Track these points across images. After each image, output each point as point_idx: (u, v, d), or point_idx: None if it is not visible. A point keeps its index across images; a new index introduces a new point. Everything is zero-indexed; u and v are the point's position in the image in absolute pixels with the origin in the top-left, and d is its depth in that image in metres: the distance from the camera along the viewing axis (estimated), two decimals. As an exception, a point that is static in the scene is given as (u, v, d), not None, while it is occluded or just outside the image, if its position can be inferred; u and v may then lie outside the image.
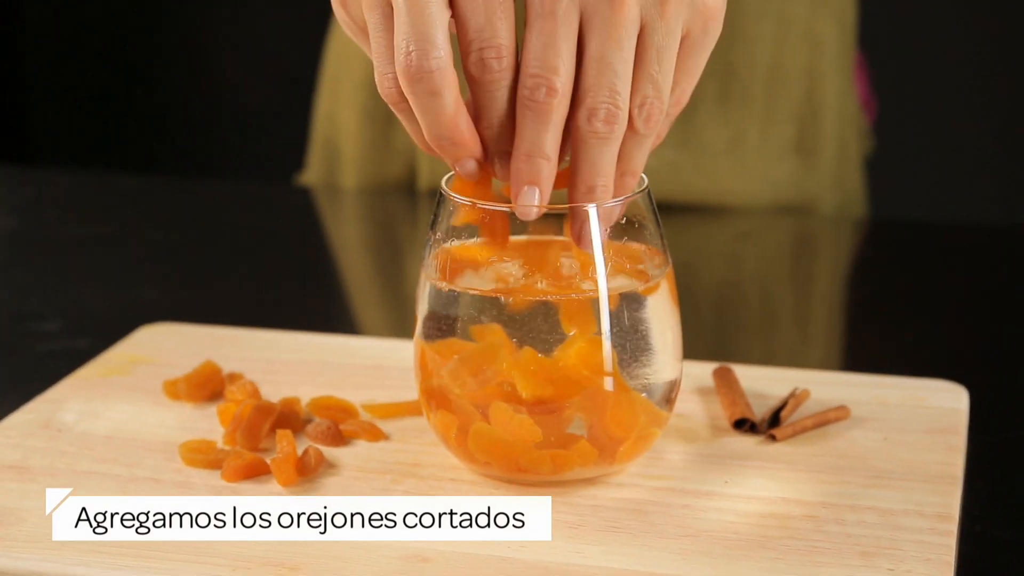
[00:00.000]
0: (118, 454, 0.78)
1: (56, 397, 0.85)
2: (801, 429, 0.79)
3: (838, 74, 1.25)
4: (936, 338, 0.99)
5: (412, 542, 0.69)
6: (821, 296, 1.09)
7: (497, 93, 0.68)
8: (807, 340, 0.99)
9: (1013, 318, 1.03)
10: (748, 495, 0.73)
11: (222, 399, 0.83)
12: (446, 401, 0.73)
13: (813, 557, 0.67)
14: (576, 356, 0.72)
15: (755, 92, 1.22)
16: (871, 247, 1.20)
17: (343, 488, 0.74)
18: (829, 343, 0.97)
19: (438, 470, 0.76)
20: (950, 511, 0.71)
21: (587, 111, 0.68)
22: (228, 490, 0.74)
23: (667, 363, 0.74)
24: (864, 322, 1.02)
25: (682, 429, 0.80)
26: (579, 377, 0.72)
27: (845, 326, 1.02)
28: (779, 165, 1.23)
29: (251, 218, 1.31)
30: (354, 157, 1.33)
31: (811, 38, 1.23)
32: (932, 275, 1.12)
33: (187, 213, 1.33)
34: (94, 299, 1.07)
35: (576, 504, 0.72)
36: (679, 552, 0.68)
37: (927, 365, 0.88)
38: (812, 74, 1.23)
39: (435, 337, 0.74)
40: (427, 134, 0.68)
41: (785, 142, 1.23)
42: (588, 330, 0.71)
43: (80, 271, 1.14)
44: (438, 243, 0.74)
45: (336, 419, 0.80)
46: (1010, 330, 1.00)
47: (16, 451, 0.78)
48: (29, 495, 0.73)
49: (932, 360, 0.92)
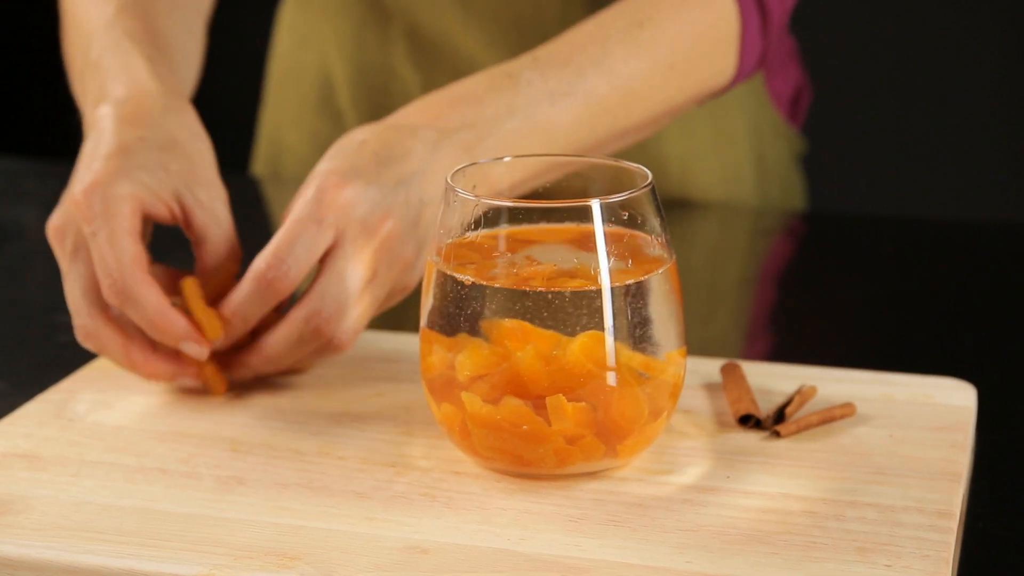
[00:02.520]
0: (127, 444, 0.79)
1: (70, 388, 0.86)
2: (806, 426, 0.79)
3: (744, 91, 1.23)
4: (945, 336, 0.99)
5: (411, 534, 0.69)
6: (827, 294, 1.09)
7: None
8: (813, 337, 0.99)
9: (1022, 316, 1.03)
10: (749, 490, 0.73)
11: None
12: (451, 394, 0.74)
13: (810, 552, 0.67)
14: (580, 350, 0.72)
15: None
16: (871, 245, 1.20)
17: (346, 479, 0.75)
18: (836, 340, 0.97)
19: (441, 463, 0.77)
20: (951, 508, 0.71)
21: None
22: (234, 480, 0.75)
23: (671, 356, 0.75)
24: (872, 319, 1.02)
25: (687, 424, 0.80)
26: (583, 371, 0.72)
27: (852, 323, 1.02)
28: (702, 163, 1.22)
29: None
30: (294, 148, 1.32)
31: None
32: (939, 273, 1.11)
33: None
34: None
35: (577, 498, 0.73)
36: (676, 546, 0.68)
37: (936, 362, 0.88)
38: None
39: (442, 330, 0.74)
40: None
41: (705, 141, 1.22)
42: (593, 323, 0.72)
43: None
44: (445, 236, 0.74)
45: None
46: (1019, 328, 1.00)
47: (28, 440, 0.79)
48: (38, 484, 0.75)
49: (941, 357, 0.92)
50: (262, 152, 1.35)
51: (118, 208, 0.80)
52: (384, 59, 1.22)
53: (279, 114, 1.30)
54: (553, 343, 0.72)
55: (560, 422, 0.72)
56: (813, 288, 1.10)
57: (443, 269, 0.74)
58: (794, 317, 1.03)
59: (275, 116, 1.33)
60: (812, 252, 1.21)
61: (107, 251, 0.79)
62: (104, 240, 0.79)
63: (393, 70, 1.22)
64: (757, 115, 1.24)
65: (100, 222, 0.79)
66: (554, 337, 0.72)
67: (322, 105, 1.27)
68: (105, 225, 0.79)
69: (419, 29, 1.19)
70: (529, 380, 0.73)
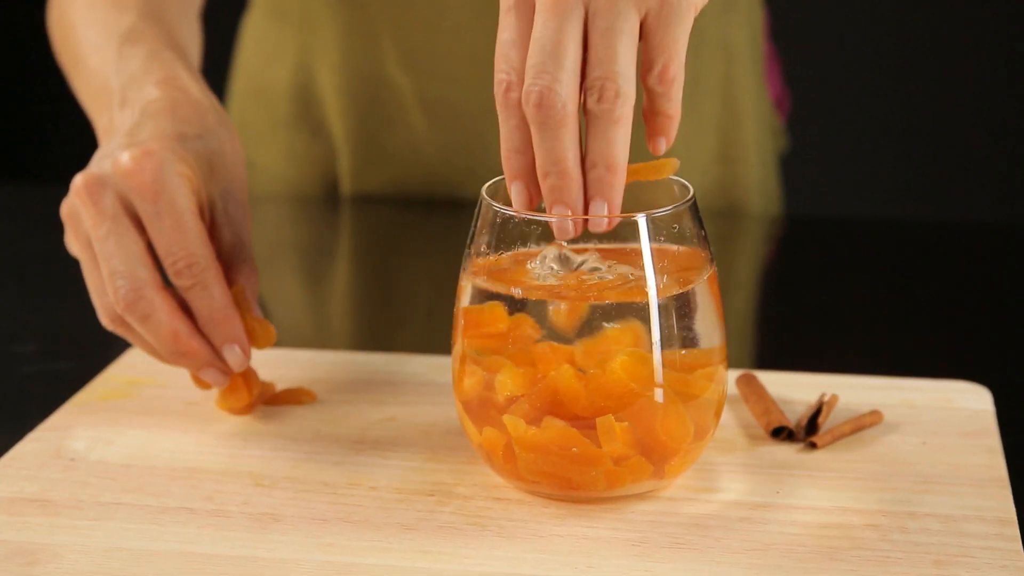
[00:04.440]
0: (141, 483, 0.74)
1: (59, 424, 0.81)
2: (840, 435, 0.78)
3: (752, 79, 1.24)
4: (945, 338, 0.99)
5: (474, 567, 0.66)
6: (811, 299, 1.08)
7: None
8: (814, 344, 0.98)
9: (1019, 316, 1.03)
10: (803, 505, 0.72)
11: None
12: (491, 417, 0.71)
13: (887, 568, 0.66)
14: (621, 369, 0.70)
15: None
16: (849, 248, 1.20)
17: (387, 511, 0.71)
18: (841, 346, 0.97)
19: (480, 489, 0.74)
20: (1009, 515, 0.71)
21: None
22: (268, 517, 0.71)
23: (715, 372, 0.73)
24: (865, 324, 1.02)
25: (719, 439, 0.78)
26: (627, 389, 0.70)
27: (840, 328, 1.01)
28: (703, 177, 1.22)
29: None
30: (265, 166, 1.27)
31: (725, 47, 1.21)
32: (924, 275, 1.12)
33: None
34: (67, 318, 1.03)
35: (632, 520, 0.71)
36: (749, 567, 0.66)
37: (941, 366, 0.88)
38: (729, 83, 1.22)
39: (482, 351, 0.71)
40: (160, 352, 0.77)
41: (708, 153, 1.22)
42: (640, 338, 0.70)
43: (45, 289, 1.10)
44: (481, 253, 0.72)
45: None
46: (1015, 328, 1.00)
47: (33, 483, 0.74)
48: (58, 530, 0.70)
49: (947, 361, 0.92)
50: None
51: (180, 186, 0.75)
52: (374, 67, 1.18)
53: (245, 133, 1.25)
54: (589, 359, 0.70)
55: (610, 443, 0.70)
56: (796, 293, 1.09)
57: (484, 286, 0.71)
58: (784, 323, 1.02)
59: (240, 135, 1.27)
60: (790, 255, 1.21)
61: (174, 230, 0.75)
62: (171, 220, 0.75)
63: (384, 78, 1.18)
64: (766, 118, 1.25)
65: (165, 202, 0.75)
66: (590, 352, 0.70)
67: (298, 120, 1.22)
68: (171, 206, 0.75)
69: (408, 34, 1.16)
70: (568, 399, 0.70)
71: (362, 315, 1.07)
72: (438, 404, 0.82)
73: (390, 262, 1.16)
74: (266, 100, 1.24)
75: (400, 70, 1.16)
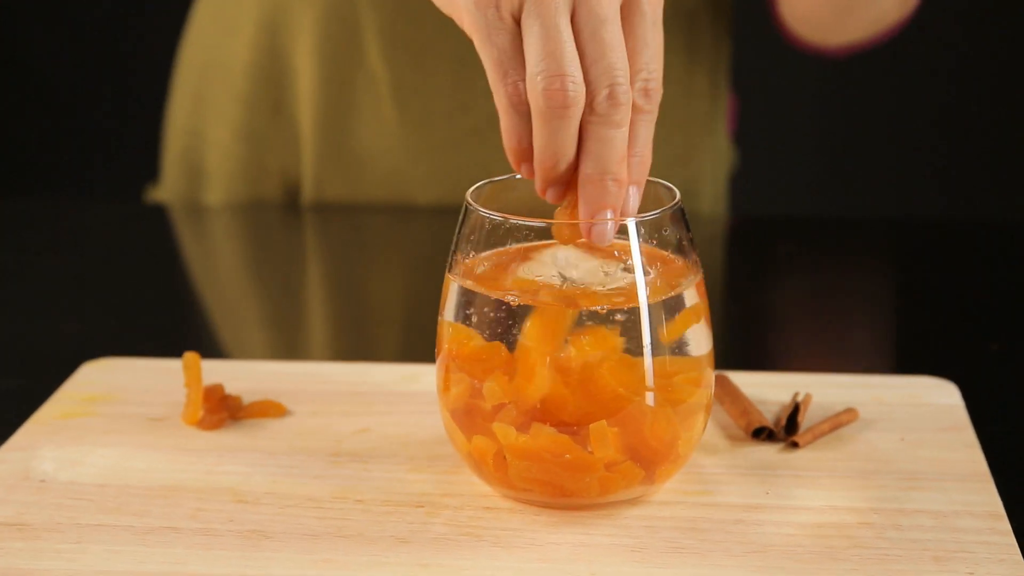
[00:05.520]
0: (119, 503, 0.72)
1: (21, 444, 0.78)
2: (819, 434, 0.78)
3: (713, 120, 1.24)
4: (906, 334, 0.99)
5: (478, 578, 0.66)
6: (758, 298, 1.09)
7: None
8: (777, 343, 0.98)
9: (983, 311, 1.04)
10: (794, 505, 0.72)
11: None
12: (480, 426, 0.70)
13: (888, 566, 0.66)
14: (610, 373, 0.69)
15: None
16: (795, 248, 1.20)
17: (378, 524, 0.70)
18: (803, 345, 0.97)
19: (469, 499, 0.73)
20: (998, 509, 0.71)
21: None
22: (257, 535, 0.69)
23: (702, 376, 0.72)
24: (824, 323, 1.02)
25: (701, 442, 0.78)
26: (616, 395, 0.69)
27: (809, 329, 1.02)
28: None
29: (110, 239, 1.22)
30: (223, 174, 1.26)
31: (687, 90, 1.21)
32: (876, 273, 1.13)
33: (61, 235, 1.24)
34: (13, 335, 1.00)
35: (627, 526, 0.70)
36: (753, 569, 0.66)
37: (903, 362, 0.89)
38: (688, 125, 1.22)
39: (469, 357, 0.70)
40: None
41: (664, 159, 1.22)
42: (628, 343, 0.69)
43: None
44: (469, 257, 0.71)
45: None
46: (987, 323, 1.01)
47: (6, 507, 0.72)
48: (41, 555, 0.67)
49: (909, 357, 0.93)
50: (174, 145, 1.27)
51: None
52: (353, 54, 1.16)
53: (200, 107, 1.23)
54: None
55: (603, 449, 0.69)
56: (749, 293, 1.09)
57: (475, 289, 0.70)
58: (744, 324, 1.02)
59: (194, 109, 1.25)
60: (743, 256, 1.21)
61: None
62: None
63: (363, 65, 1.16)
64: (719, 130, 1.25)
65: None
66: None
67: (256, 98, 1.20)
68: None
69: (392, 25, 1.14)
70: (554, 406, 0.70)
71: (328, 324, 1.05)
72: (411, 413, 0.81)
73: (354, 268, 1.15)
74: (217, 106, 1.21)
75: (381, 60, 1.15)
